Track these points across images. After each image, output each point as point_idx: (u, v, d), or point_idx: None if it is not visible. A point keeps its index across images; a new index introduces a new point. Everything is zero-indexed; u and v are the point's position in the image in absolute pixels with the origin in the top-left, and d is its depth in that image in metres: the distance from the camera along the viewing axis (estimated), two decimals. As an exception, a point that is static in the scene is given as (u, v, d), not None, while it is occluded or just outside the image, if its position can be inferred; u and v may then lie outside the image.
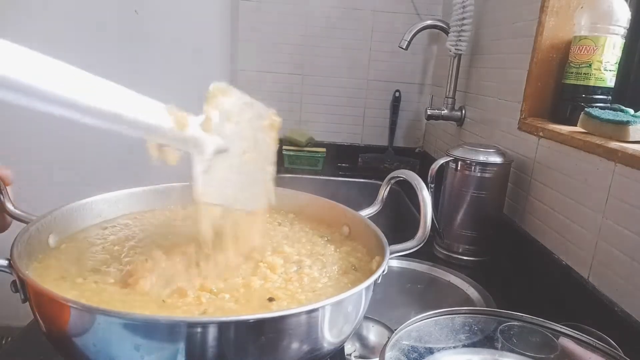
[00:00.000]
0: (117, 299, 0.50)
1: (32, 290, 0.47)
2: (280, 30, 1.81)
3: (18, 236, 0.54)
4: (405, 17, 1.80)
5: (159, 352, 0.43)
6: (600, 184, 0.80)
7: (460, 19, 1.40)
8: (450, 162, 1.06)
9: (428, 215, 0.61)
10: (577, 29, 0.96)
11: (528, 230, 1.03)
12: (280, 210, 0.80)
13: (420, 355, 0.56)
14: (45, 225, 0.61)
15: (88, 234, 0.67)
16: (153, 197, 0.77)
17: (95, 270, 0.56)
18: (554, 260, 0.91)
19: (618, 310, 0.73)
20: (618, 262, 0.75)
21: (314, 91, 1.88)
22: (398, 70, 1.88)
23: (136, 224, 0.71)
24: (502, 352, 0.59)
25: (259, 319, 0.44)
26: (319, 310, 0.47)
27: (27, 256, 0.55)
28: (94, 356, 0.44)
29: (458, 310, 0.62)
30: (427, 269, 0.98)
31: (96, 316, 0.42)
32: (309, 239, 0.72)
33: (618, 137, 0.79)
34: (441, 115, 1.51)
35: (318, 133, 1.87)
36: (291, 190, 0.81)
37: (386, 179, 0.71)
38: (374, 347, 0.71)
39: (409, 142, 1.98)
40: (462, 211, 1.05)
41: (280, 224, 0.76)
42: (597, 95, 0.95)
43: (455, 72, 1.48)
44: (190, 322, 0.42)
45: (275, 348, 0.45)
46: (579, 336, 0.57)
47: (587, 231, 0.83)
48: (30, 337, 0.64)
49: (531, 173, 1.03)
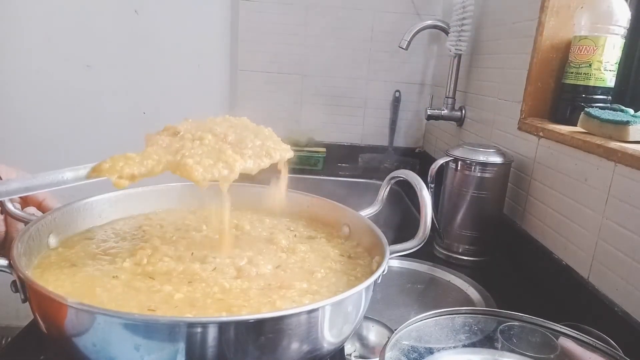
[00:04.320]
0: (117, 299, 0.50)
1: (32, 290, 0.46)
2: (280, 30, 1.81)
3: (18, 236, 0.54)
4: (405, 17, 1.80)
5: (159, 352, 0.43)
6: (600, 184, 0.80)
7: (460, 19, 1.40)
8: (450, 162, 1.06)
9: (428, 215, 0.60)
10: (577, 29, 0.96)
11: (528, 230, 1.03)
12: (280, 211, 0.80)
13: (420, 355, 0.56)
14: (45, 225, 0.61)
15: (88, 234, 0.67)
16: (153, 197, 0.77)
17: (96, 270, 0.56)
18: (554, 260, 0.91)
19: (618, 310, 0.73)
20: (618, 262, 0.75)
21: (314, 91, 1.88)
22: (398, 70, 1.88)
23: (136, 224, 0.71)
24: (502, 352, 0.59)
25: (259, 319, 0.44)
26: (319, 310, 0.47)
27: (27, 256, 0.55)
28: (94, 356, 0.44)
29: (458, 310, 0.62)
30: (427, 269, 0.98)
31: (96, 316, 0.42)
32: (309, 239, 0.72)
33: (618, 137, 0.79)
34: (441, 115, 1.51)
35: (318, 133, 1.87)
36: (291, 190, 0.81)
37: (386, 179, 0.71)
38: (374, 347, 0.71)
39: (409, 142, 1.98)
40: (462, 211, 1.05)
41: (280, 226, 0.76)
42: (597, 95, 0.95)
43: (455, 72, 1.48)
44: (190, 322, 0.42)
45: (275, 348, 0.45)
46: (579, 336, 0.58)
47: (587, 231, 0.83)
48: (30, 337, 0.63)
49: (531, 173, 1.03)
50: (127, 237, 0.67)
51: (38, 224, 0.59)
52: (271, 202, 0.73)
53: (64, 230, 0.65)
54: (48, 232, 0.61)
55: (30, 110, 1.88)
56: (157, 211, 0.77)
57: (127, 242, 0.65)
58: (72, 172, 0.52)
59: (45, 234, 0.61)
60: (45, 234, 0.60)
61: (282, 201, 0.72)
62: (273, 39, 1.82)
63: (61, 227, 0.64)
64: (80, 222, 0.68)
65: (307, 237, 0.72)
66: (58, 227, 0.63)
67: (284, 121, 1.84)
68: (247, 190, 0.80)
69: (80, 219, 0.68)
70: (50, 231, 0.61)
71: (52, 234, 0.62)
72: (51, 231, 0.62)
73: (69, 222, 0.66)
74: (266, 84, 1.85)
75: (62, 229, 0.64)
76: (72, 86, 1.88)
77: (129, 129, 1.67)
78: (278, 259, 0.63)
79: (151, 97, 1.90)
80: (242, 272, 0.58)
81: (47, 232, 0.61)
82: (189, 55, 1.90)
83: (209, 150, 0.56)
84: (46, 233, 0.61)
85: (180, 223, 0.73)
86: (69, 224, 0.66)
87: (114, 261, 0.58)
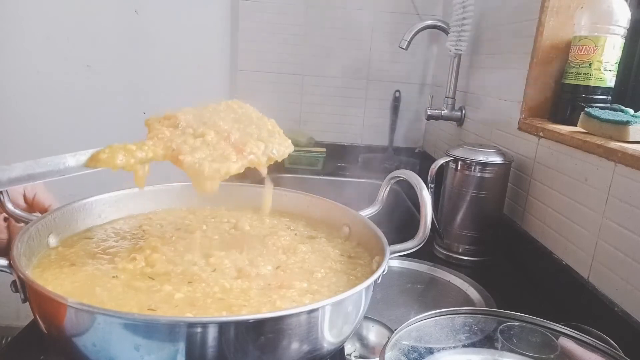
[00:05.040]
0: (117, 298, 0.50)
1: (32, 290, 0.46)
2: (280, 31, 1.81)
3: (18, 236, 0.54)
4: (405, 17, 1.80)
5: (159, 352, 0.43)
6: (600, 184, 0.80)
7: (460, 19, 1.39)
8: (450, 162, 1.06)
9: (428, 215, 0.60)
10: (577, 29, 0.96)
11: (528, 230, 1.03)
12: (281, 211, 0.80)
13: (420, 355, 0.56)
14: (45, 226, 0.61)
15: (88, 234, 0.67)
16: (153, 197, 0.77)
17: (95, 270, 0.56)
18: (554, 260, 0.91)
19: (618, 310, 0.73)
20: (618, 262, 0.75)
21: (314, 91, 1.88)
22: (398, 70, 1.88)
23: (137, 225, 0.71)
24: (502, 352, 0.59)
25: (258, 319, 0.44)
26: (319, 310, 0.47)
27: (27, 256, 0.55)
28: (94, 356, 0.44)
29: (458, 310, 0.62)
30: (427, 269, 0.98)
31: (96, 316, 0.42)
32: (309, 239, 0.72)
33: (618, 137, 0.79)
34: (441, 115, 1.51)
35: (318, 133, 1.87)
36: (291, 190, 0.81)
37: (386, 179, 0.71)
38: (374, 347, 0.71)
39: (409, 142, 1.98)
40: (462, 211, 1.05)
41: (280, 226, 0.76)
42: (597, 95, 0.95)
43: (455, 72, 1.48)
44: (190, 322, 0.42)
45: (275, 348, 0.45)
46: (579, 336, 0.57)
47: (587, 231, 0.83)
48: (30, 337, 0.63)
49: (531, 173, 1.03)
50: (127, 237, 0.67)
51: (38, 224, 0.59)
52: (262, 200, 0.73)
53: (64, 230, 0.65)
54: (48, 232, 0.61)
55: (30, 110, 1.88)
56: (157, 211, 0.77)
57: (127, 242, 0.65)
58: (73, 157, 0.53)
59: (45, 234, 0.61)
60: (45, 234, 0.60)
61: (269, 199, 0.72)
62: (273, 39, 1.82)
63: (61, 227, 0.64)
64: (80, 222, 0.68)
65: (308, 237, 0.72)
66: (58, 227, 0.63)
67: (284, 121, 1.84)
68: (247, 190, 0.80)
69: (80, 219, 0.68)
70: (50, 231, 0.62)
71: (52, 234, 0.62)
72: (51, 231, 0.62)
73: (68, 222, 0.66)
74: (266, 84, 1.85)
75: (62, 229, 0.64)
76: (72, 86, 1.88)
77: (128, 128, 1.67)
78: (278, 259, 0.63)
79: (151, 97, 1.90)
80: (242, 272, 0.58)
81: (47, 232, 0.61)
82: (189, 55, 1.90)
83: (210, 153, 0.56)
84: (46, 233, 0.61)
85: (180, 223, 0.73)
86: (68, 224, 0.66)
87: (114, 260, 0.58)
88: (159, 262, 0.58)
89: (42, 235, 0.60)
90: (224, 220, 0.75)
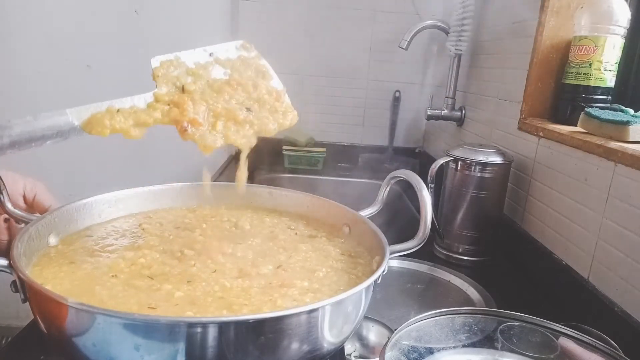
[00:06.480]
0: (117, 297, 0.50)
1: (32, 290, 0.46)
2: (280, 31, 1.81)
3: (18, 236, 0.54)
4: (405, 17, 1.80)
5: (159, 352, 0.43)
6: (600, 184, 0.80)
7: (460, 19, 1.40)
8: (450, 162, 1.06)
9: (428, 215, 0.60)
10: (577, 29, 0.96)
11: (528, 230, 1.03)
12: (281, 211, 0.80)
13: (420, 355, 0.56)
14: (45, 226, 0.61)
15: (88, 234, 0.67)
16: (153, 197, 0.77)
17: (95, 269, 0.56)
18: (554, 260, 0.91)
19: (618, 310, 0.73)
20: (618, 262, 0.75)
21: (314, 91, 1.88)
22: (398, 70, 1.88)
23: (136, 224, 0.71)
24: (502, 352, 0.59)
25: (259, 319, 0.44)
26: (319, 310, 0.47)
27: (27, 256, 0.55)
28: (94, 356, 0.44)
29: (458, 310, 0.61)
30: (427, 269, 0.98)
31: (96, 316, 0.42)
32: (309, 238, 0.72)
33: (618, 137, 0.79)
34: (441, 115, 1.51)
35: (318, 133, 1.87)
36: (291, 190, 0.81)
37: (386, 179, 0.71)
38: (374, 347, 0.71)
39: (409, 142, 1.98)
40: (462, 211, 1.05)
41: (281, 225, 0.76)
42: (597, 95, 0.95)
43: (455, 72, 1.48)
44: (190, 322, 0.42)
45: (275, 348, 0.45)
46: (579, 336, 0.57)
47: (587, 231, 0.83)
48: (30, 337, 0.63)
49: (531, 173, 1.03)
50: (127, 235, 0.67)
51: (38, 224, 0.59)
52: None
53: (64, 230, 0.65)
54: (48, 232, 0.61)
55: (30, 110, 1.88)
56: (157, 210, 0.77)
57: (127, 240, 0.65)
58: (74, 111, 0.53)
59: (45, 234, 0.61)
60: (45, 234, 0.60)
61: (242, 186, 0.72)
62: (273, 39, 1.82)
63: (61, 227, 0.64)
64: (80, 222, 0.68)
65: (308, 236, 0.72)
66: (58, 227, 0.63)
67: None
68: (247, 190, 0.80)
69: (80, 219, 0.68)
70: (50, 231, 0.61)
71: (52, 234, 0.62)
72: (51, 231, 0.62)
73: (68, 222, 0.66)
74: (266, 84, 1.85)
75: (62, 229, 0.64)
76: (72, 86, 1.88)
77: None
78: (279, 258, 0.63)
79: (151, 97, 1.90)
80: (242, 272, 0.58)
81: (47, 232, 0.61)
82: (189, 55, 1.90)
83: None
84: (46, 233, 0.61)
85: (180, 222, 0.73)
86: (68, 224, 0.66)
87: (113, 258, 0.58)
88: (156, 264, 0.58)
89: (42, 236, 0.60)
90: (224, 219, 0.75)
